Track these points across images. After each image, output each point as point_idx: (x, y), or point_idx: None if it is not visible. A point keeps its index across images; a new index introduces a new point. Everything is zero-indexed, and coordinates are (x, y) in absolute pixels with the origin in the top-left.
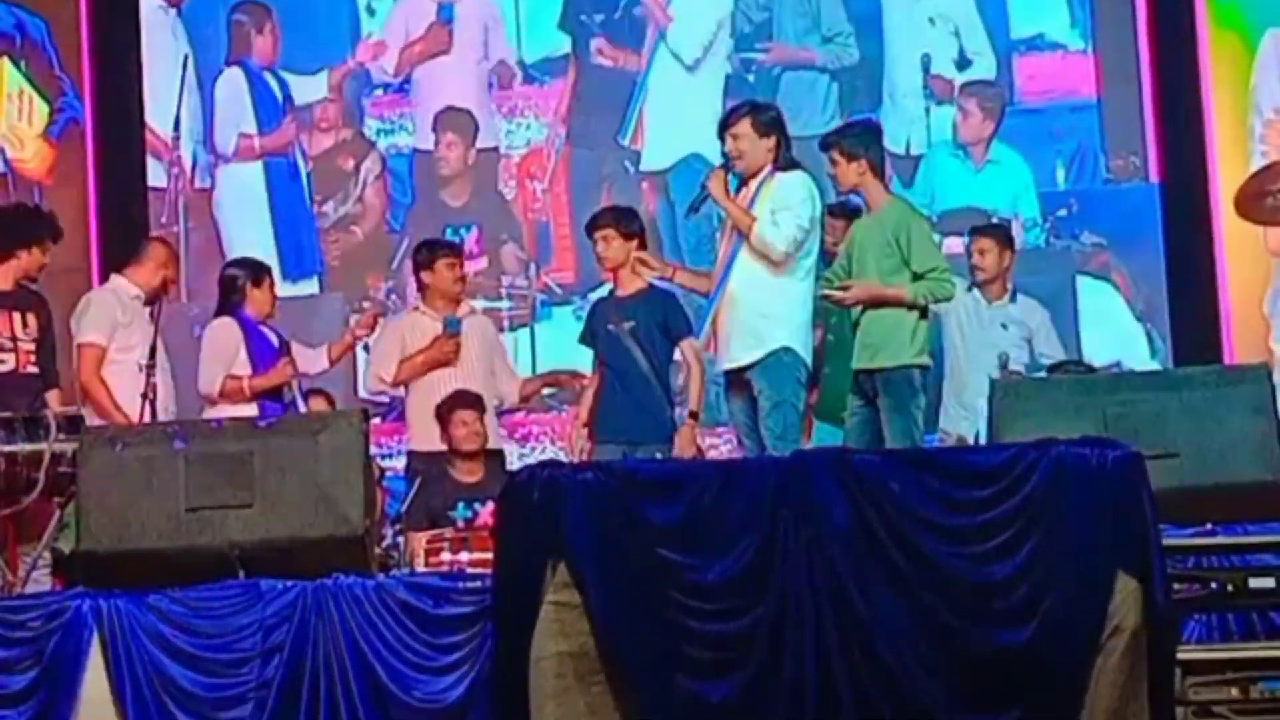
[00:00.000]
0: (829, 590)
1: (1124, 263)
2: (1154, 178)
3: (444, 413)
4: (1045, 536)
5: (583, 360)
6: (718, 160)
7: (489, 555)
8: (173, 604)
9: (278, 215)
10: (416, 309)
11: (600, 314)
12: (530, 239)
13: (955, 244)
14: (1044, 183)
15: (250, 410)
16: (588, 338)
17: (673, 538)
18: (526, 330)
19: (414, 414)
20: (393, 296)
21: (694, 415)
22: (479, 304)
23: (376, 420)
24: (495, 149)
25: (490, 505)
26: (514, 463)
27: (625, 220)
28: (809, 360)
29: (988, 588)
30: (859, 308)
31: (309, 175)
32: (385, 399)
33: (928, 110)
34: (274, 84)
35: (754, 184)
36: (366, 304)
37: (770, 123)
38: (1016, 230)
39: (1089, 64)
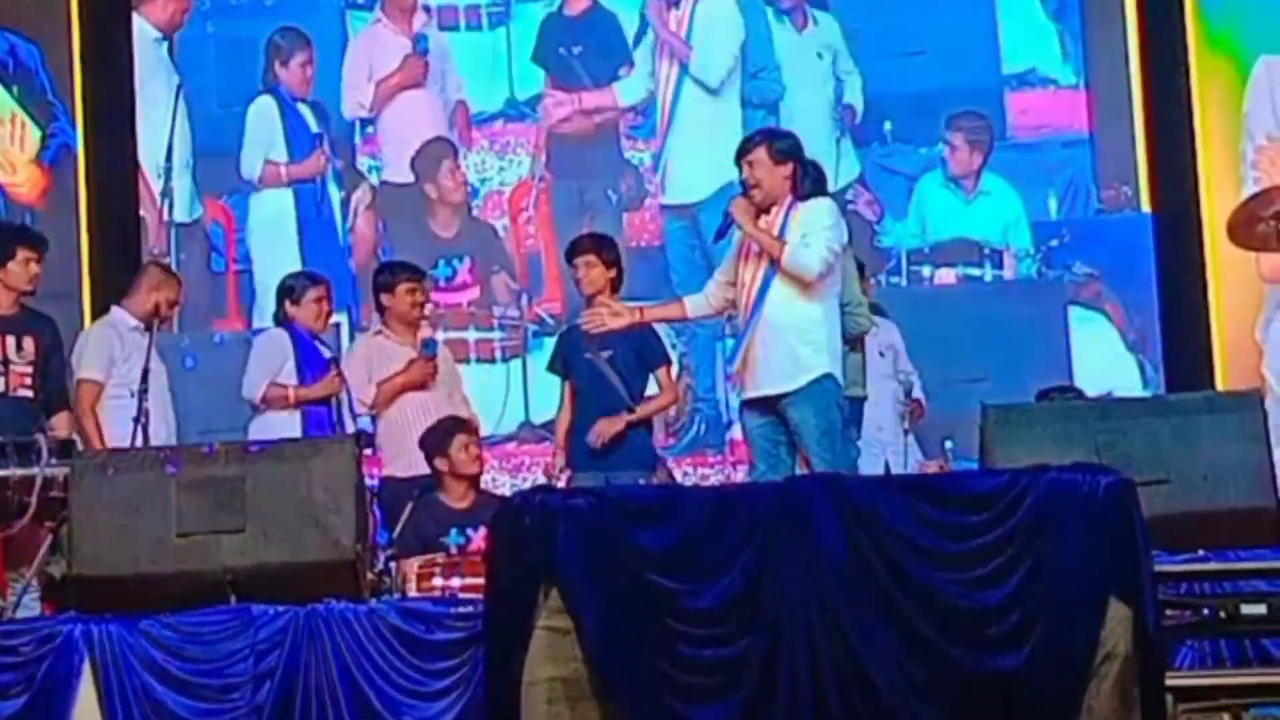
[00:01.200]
0: (822, 615)
1: (1116, 293)
2: (1146, 208)
3: (438, 438)
4: (1037, 562)
5: None
6: None
7: (481, 580)
8: (164, 629)
9: (306, 243)
10: (380, 333)
11: (574, 342)
12: (522, 269)
13: (947, 275)
14: (1036, 213)
15: (293, 421)
16: (559, 365)
17: (665, 563)
18: (519, 361)
19: (387, 440)
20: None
21: (631, 412)
22: (471, 334)
23: (368, 451)
24: (485, 182)
25: (482, 531)
26: (503, 492)
27: (606, 248)
28: (845, 386)
29: (981, 613)
30: None
31: (343, 203)
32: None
33: (837, 141)
34: (307, 113)
35: (777, 214)
36: (360, 335)
37: (787, 151)
38: (1009, 261)
39: (1081, 99)
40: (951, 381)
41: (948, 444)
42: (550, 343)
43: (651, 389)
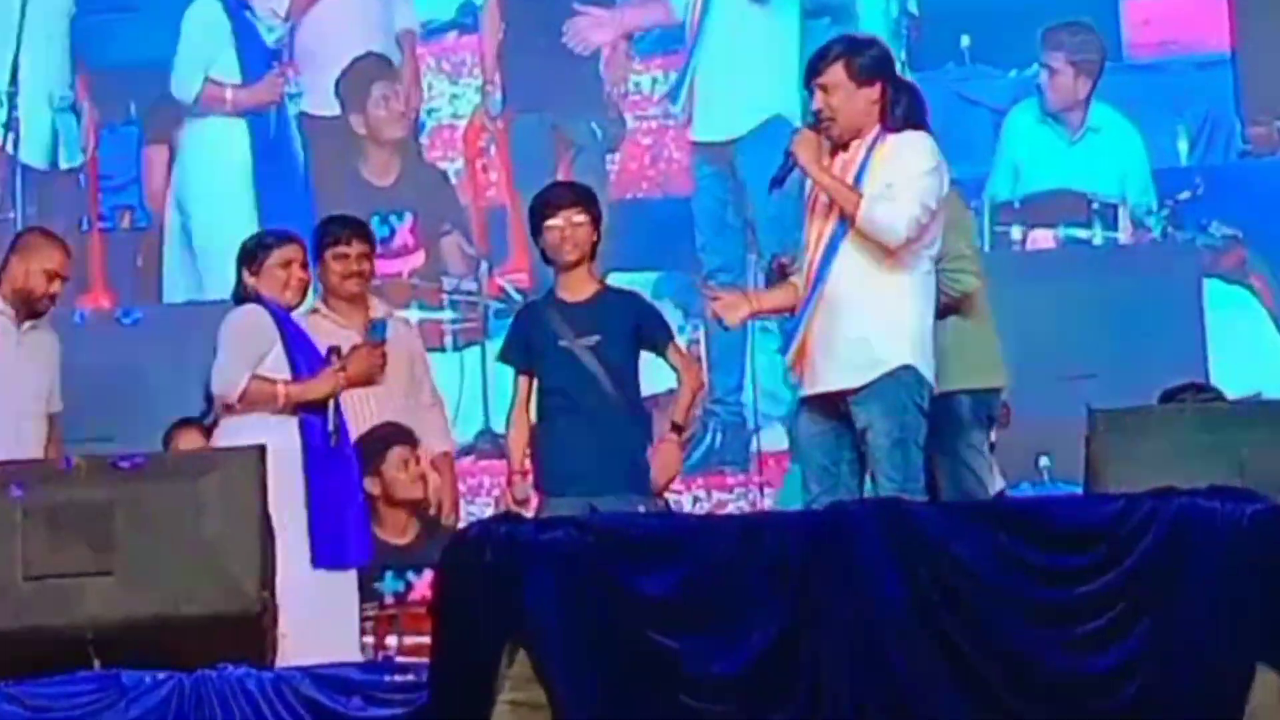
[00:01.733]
0: (875, 686)
1: (1266, 262)
2: None
3: (368, 452)
4: (1160, 618)
5: None
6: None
7: (426, 639)
8: (8, 703)
9: (262, 192)
10: (316, 311)
11: (542, 325)
12: (480, 229)
13: (1045, 237)
14: (1161, 157)
15: (284, 426)
16: (518, 354)
17: (670, 617)
18: (477, 348)
19: None
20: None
21: (677, 428)
22: (414, 313)
23: None
24: (432, 113)
25: (428, 574)
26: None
27: (588, 200)
28: (933, 381)
29: (1083, 685)
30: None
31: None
32: None
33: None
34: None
35: (857, 151)
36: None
37: (872, 67)
38: (1125, 219)
39: (1220, 6)
40: (1048, 379)
41: (1042, 461)
42: None
43: (649, 385)
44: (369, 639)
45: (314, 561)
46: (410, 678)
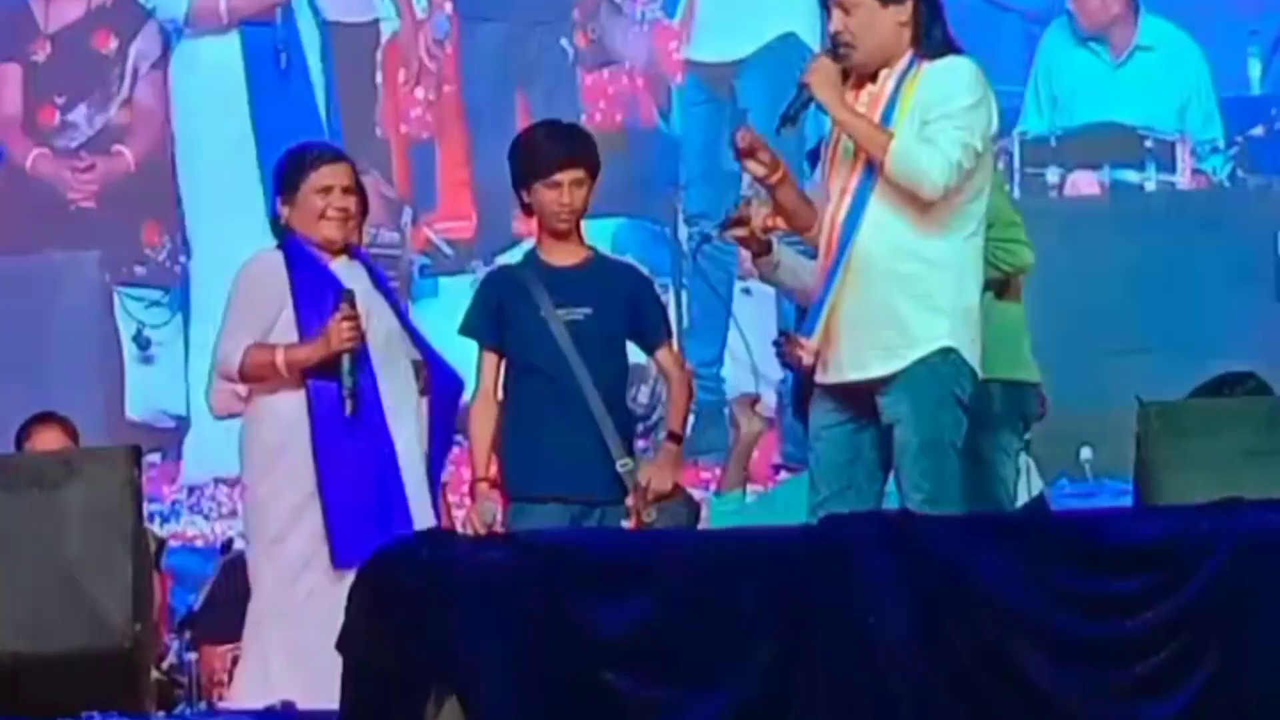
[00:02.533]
0: None
1: None
2: None
3: None
4: (1228, 657)
5: None
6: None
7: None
8: None
9: (259, 113)
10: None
11: (517, 290)
12: (402, 169)
13: (1088, 181)
14: (1228, 84)
15: (294, 399)
16: (484, 326)
17: (631, 656)
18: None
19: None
20: (183, 260)
21: (676, 438)
22: None
23: (154, 457)
24: (341, 22)
25: None
26: None
27: (591, 153)
28: (978, 366)
29: None
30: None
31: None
32: (170, 423)
33: None
34: None
35: (885, 82)
36: (140, 269)
37: None
38: (1185, 158)
39: None
40: (1091, 355)
41: (1084, 454)
42: (449, 286)
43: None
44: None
45: (334, 562)
46: None
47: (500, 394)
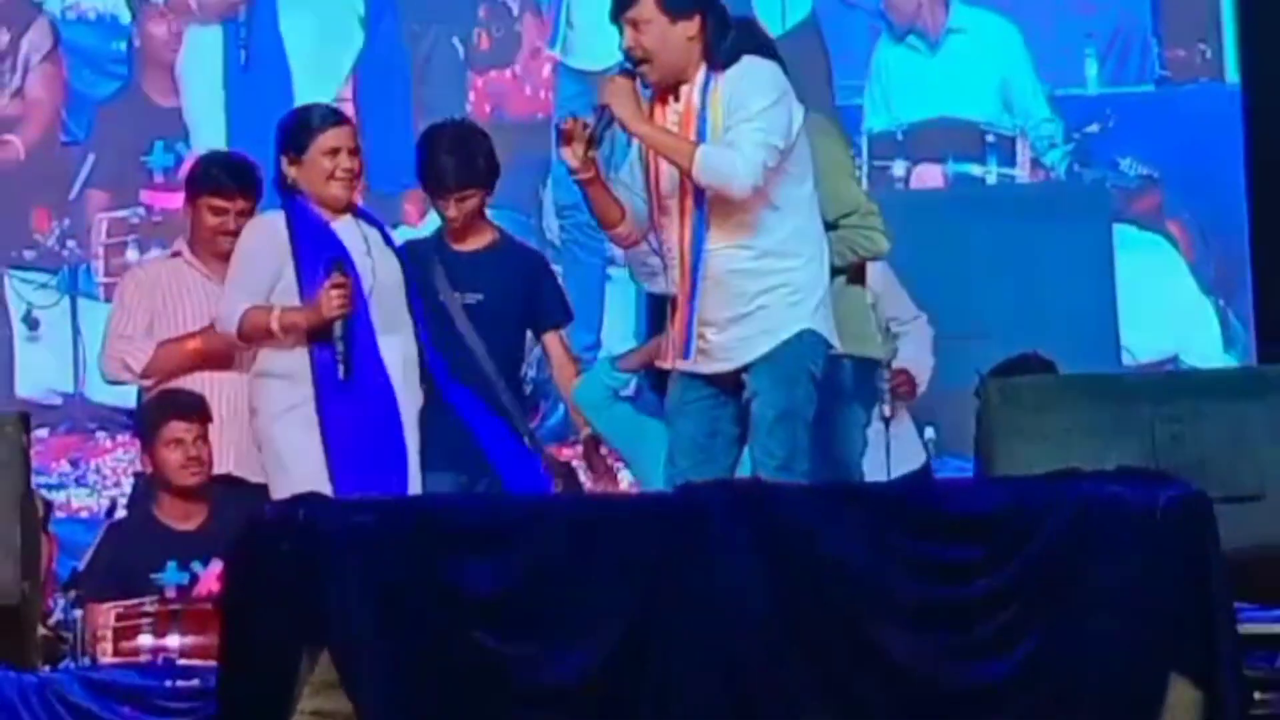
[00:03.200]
0: (730, 701)
1: (1186, 206)
2: (1231, 76)
3: (149, 421)
4: (1061, 621)
5: None
6: None
7: (213, 640)
8: None
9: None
10: (178, 254)
11: (422, 271)
12: None
13: (932, 173)
14: (1064, 82)
15: (294, 358)
16: None
17: (499, 615)
18: None
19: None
20: (70, 244)
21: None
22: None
23: (42, 431)
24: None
25: (216, 565)
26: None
27: (481, 177)
28: (833, 340)
29: (974, 696)
30: None
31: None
32: (57, 400)
33: None
34: None
35: (690, 96)
36: (30, 253)
37: None
38: (1024, 153)
39: None
40: (934, 338)
41: (928, 433)
42: None
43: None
44: (148, 639)
45: None
46: (195, 683)
47: None
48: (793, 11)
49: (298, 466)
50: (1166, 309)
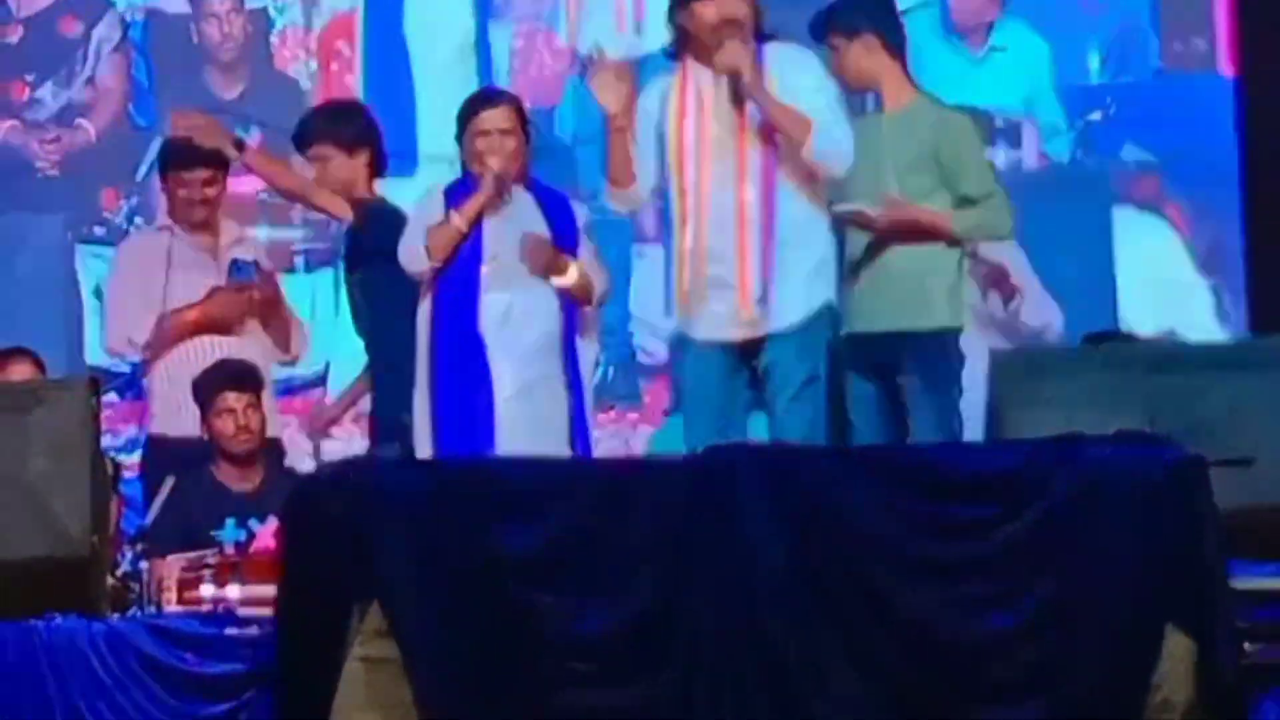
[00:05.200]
0: (755, 649)
1: (1182, 190)
2: (1226, 69)
3: (201, 393)
4: (1064, 576)
5: None
6: None
7: (270, 591)
8: None
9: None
10: (166, 228)
11: None
12: None
13: None
14: (1070, 73)
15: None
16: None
17: (536, 571)
18: (329, 272)
19: (160, 383)
20: (137, 220)
21: None
22: (262, 233)
23: (111, 396)
24: (283, 10)
25: (273, 522)
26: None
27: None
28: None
29: (981, 648)
30: (863, 245)
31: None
32: (126, 366)
33: None
34: None
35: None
36: (99, 229)
37: None
38: (1030, 140)
39: None
40: None
41: None
42: None
43: None
44: (210, 589)
45: None
46: (254, 632)
47: None
48: None
49: None
50: (1164, 287)
